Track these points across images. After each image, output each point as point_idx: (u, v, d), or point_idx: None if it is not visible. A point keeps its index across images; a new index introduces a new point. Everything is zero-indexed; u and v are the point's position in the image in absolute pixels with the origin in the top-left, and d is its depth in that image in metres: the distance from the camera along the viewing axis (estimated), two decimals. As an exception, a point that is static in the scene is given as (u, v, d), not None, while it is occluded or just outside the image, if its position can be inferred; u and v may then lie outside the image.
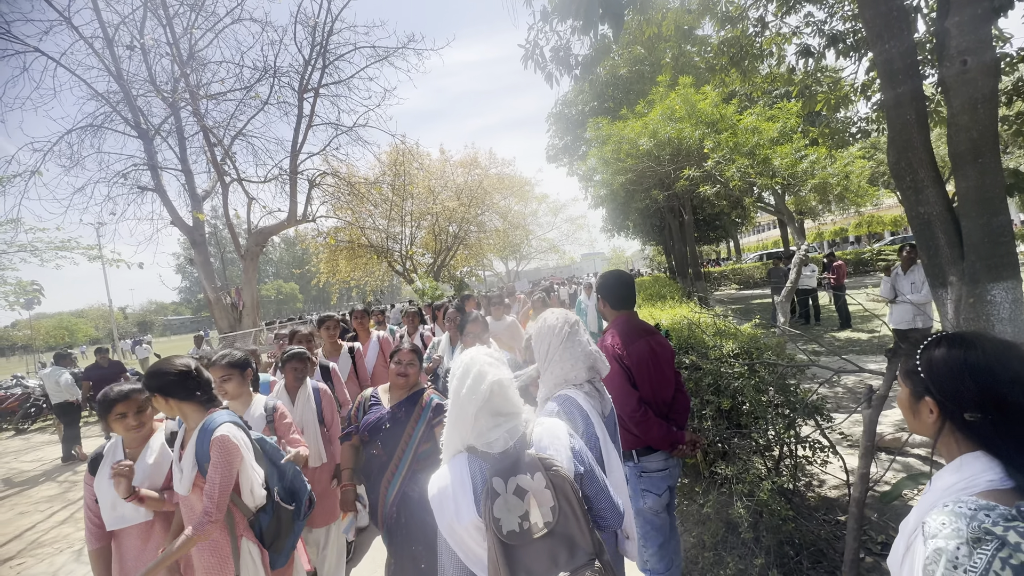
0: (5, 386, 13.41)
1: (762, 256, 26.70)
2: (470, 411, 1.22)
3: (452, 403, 1.28)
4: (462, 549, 1.20)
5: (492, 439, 1.22)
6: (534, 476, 1.16)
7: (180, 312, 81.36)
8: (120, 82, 9.04)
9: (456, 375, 1.30)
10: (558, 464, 1.21)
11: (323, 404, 2.90)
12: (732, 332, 3.20)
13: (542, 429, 1.32)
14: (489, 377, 1.24)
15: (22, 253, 11.61)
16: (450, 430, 1.28)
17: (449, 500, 1.20)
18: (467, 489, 1.20)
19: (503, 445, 1.21)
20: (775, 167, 6.10)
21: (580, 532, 1.15)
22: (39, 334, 50.65)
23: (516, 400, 1.28)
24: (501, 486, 1.15)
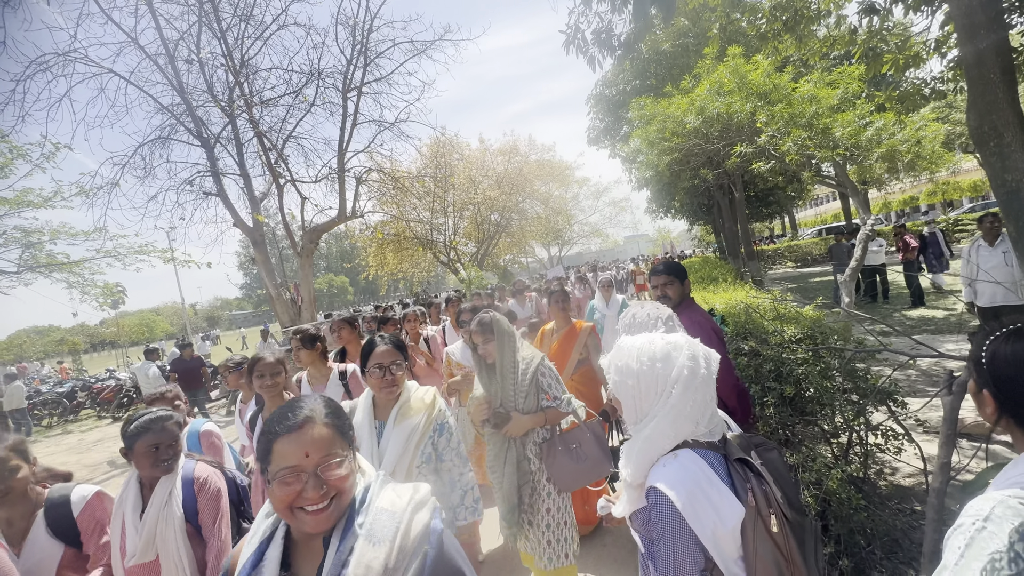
0: (101, 379, 14.94)
1: (821, 231, 25.11)
2: (707, 397, 1.11)
3: (685, 386, 1.10)
4: (721, 559, 1.03)
5: (716, 423, 1.14)
6: (751, 453, 1.11)
7: (243, 307, 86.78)
8: (182, 95, 9.67)
9: (679, 355, 1.13)
10: (764, 440, 1.18)
11: None
12: (793, 316, 3.08)
13: (722, 413, 1.27)
14: (714, 355, 1.16)
15: (108, 258, 12.77)
16: (681, 418, 1.10)
17: (706, 505, 1.02)
18: (720, 488, 1.05)
19: (722, 431, 1.14)
20: (836, 137, 5.71)
21: (793, 493, 1.11)
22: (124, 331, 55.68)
23: None
24: (761, 470, 1.08)
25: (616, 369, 1.20)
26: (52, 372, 24.33)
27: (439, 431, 1.90)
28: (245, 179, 10.51)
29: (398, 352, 1.88)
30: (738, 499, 1.04)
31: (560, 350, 3.40)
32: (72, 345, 41.16)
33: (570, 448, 2.20)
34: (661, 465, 1.09)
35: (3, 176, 11.40)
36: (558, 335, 3.49)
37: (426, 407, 1.88)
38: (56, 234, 12.28)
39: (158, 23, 9.38)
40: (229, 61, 9.84)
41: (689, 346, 1.16)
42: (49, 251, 12.53)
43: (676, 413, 1.10)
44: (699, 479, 1.04)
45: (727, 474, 1.08)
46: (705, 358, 1.15)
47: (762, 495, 1.03)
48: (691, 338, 1.20)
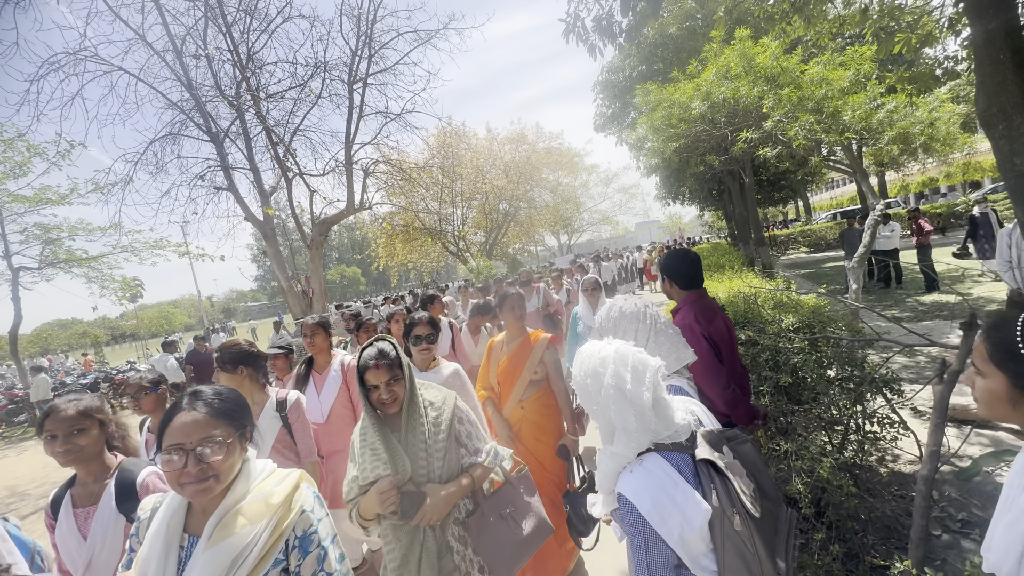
0: (122, 370, 15.38)
1: (835, 215, 24.64)
2: (646, 402, 1.09)
3: (615, 400, 1.11)
4: (689, 556, 1.04)
5: (678, 426, 1.13)
6: (723, 450, 1.10)
7: (257, 299, 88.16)
8: (191, 91, 9.78)
9: (604, 371, 1.14)
10: (736, 432, 1.17)
11: None
12: (792, 305, 3.07)
13: (696, 407, 1.26)
14: (652, 362, 1.13)
15: (124, 253, 13.08)
16: (628, 434, 1.11)
17: (670, 508, 1.04)
18: (685, 489, 1.05)
19: (688, 431, 1.14)
20: (845, 121, 5.60)
21: (770, 485, 1.13)
22: (143, 323, 57.04)
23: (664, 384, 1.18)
24: (724, 468, 1.07)
25: (575, 385, 1.23)
26: (76, 364, 25.07)
27: (300, 548, 1.17)
28: (255, 173, 10.63)
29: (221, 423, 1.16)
30: (705, 499, 1.05)
31: (509, 367, 2.68)
32: (94, 338, 42.25)
33: (503, 515, 1.67)
34: (628, 472, 1.11)
35: (22, 174, 11.71)
36: (508, 348, 2.74)
37: (271, 510, 1.16)
38: (74, 230, 12.61)
39: (165, 19, 9.47)
40: (235, 55, 9.90)
41: (616, 360, 1.14)
42: (68, 247, 12.88)
43: (623, 427, 1.11)
44: (664, 483, 1.06)
45: (694, 474, 1.08)
46: (634, 369, 1.12)
47: (725, 494, 1.04)
48: (625, 348, 1.17)
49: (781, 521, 1.12)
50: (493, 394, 2.78)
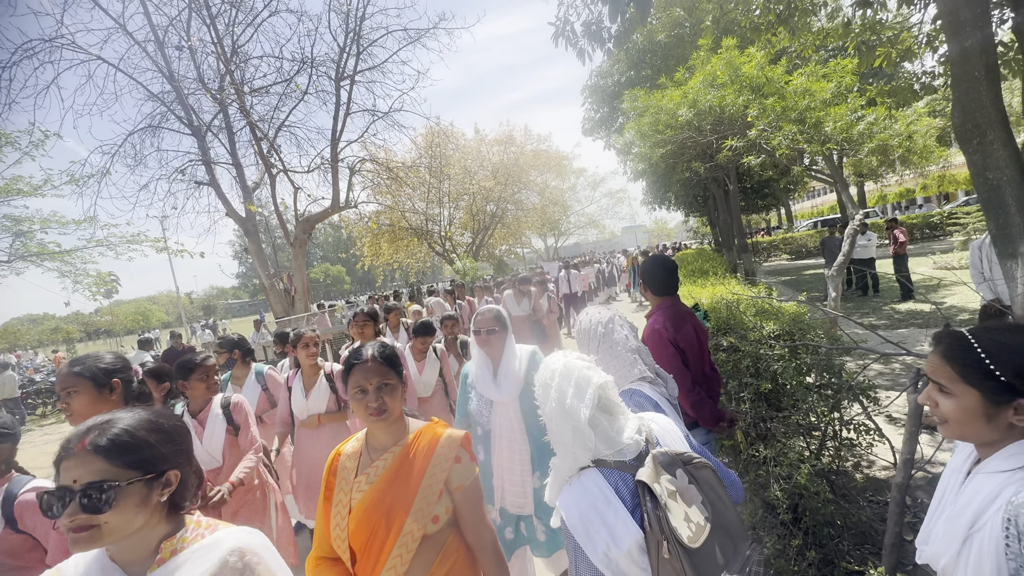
0: (95, 368, 14.87)
1: (816, 224, 25.20)
2: (583, 418, 1.09)
3: (557, 415, 1.13)
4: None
5: (623, 444, 1.12)
6: (676, 474, 1.06)
7: (239, 296, 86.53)
8: (172, 83, 9.56)
9: (551, 384, 1.16)
10: (696, 456, 1.12)
11: None
12: (774, 312, 3.11)
13: (658, 426, 1.22)
14: (595, 379, 1.13)
15: (100, 248, 12.71)
16: (565, 448, 1.13)
17: (599, 525, 1.04)
18: (616, 508, 1.05)
19: (636, 449, 1.12)
20: (827, 132, 5.71)
21: (733, 517, 1.09)
22: (119, 320, 55.58)
23: (620, 399, 1.19)
24: (660, 493, 1.03)
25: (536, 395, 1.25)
26: (46, 361, 24.28)
27: None
28: (237, 168, 10.44)
29: None
30: (639, 521, 1.04)
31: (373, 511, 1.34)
32: (67, 334, 41.04)
33: None
34: (568, 485, 1.12)
35: (-9, 164, 11.28)
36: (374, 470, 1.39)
37: None
38: (47, 223, 12.20)
39: (146, 8, 9.26)
40: (219, 48, 9.72)
41: (562, 374, 1.16)
42: (40, 240, 12.45)
43: (560, 440, 1.13)
44: (595, 500, 1.06)
45: (633, 494, 1.07)
46: (576, 385, 1.13)
47: (655, 519, 1.01)
48: (574, 363, 1.18)
49: (736, 555, 1.07)
50: None
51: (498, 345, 2.23)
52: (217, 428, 2.40)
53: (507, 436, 2.16)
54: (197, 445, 2.29)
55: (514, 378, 2.17)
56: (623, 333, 1.59)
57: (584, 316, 1.68)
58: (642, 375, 1.54)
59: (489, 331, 2.22)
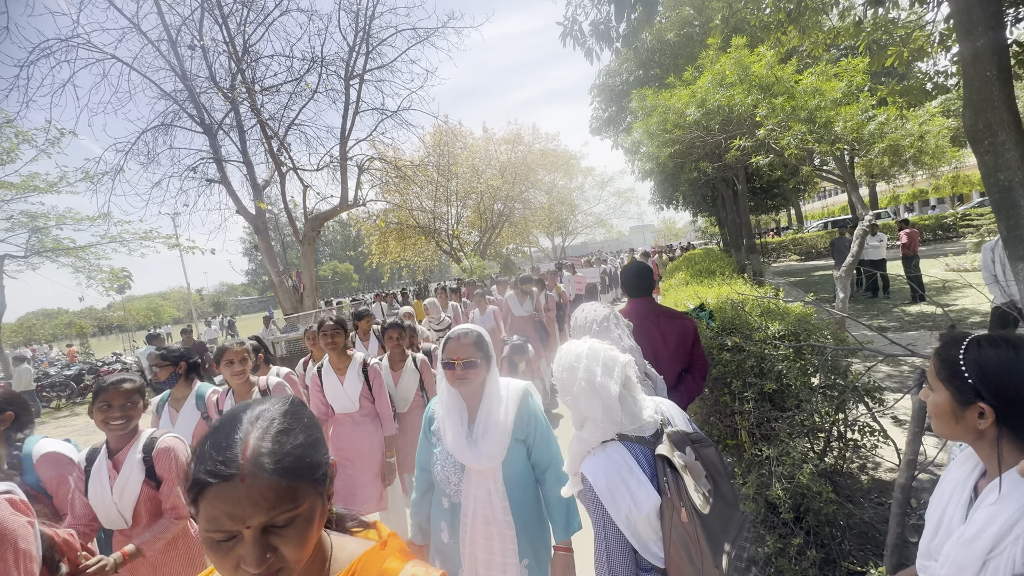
0: (108, 362, 15.18)
1: (827, 224, 24.93)
2: (613, 394, 1.19)
3: (586, 392, 1.22)
4: (636, 538, 1.17)
5: (644, 421, 1.23)
6: (686, 451, 1.19)
7: (248, 293, 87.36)
8: (185, 81, 9.69)
9: (579, 365, 1.25)
10: (702, 435, 1.25)
11: None
12: (779, 313, 3.11)
13: (668, 408, 1.35)
14: (621, 358, 1.24)
15: (113, 244, 12.91)
16: (594, 419, 1.22)
17: (623, 490, 1.16)
18: (639, 477, 1.17)
19: (655, 427, 1.24)
20: (837, 132, 5.67)
21: (728, 488, 1.22)
22: (131, 315, 56.38)
23: (638, 380, 1.30)
24: (679, 464, 1.15)
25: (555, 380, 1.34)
26: (60, 355, 24.70)
27: None
28: (248, 166, 10.56)
29: None
30: (656, 489, 1.16)
31: None
32: (80, 328, 41.66)
33: None
34: (591, 455, 1.24)
35: (9, 161, 11.51)
36: None
37: None
38: (62, 219, 12.42)
39: (160, 8, 9.38)
40: (231, 47, 9.83)
41: (589, 355, 1.25)
42: (55, 236, 12.67)
43: (591, 416, 1.23)
44: (620, 468, 1.18)
45: (651, 465, 1.19)
46: (604, 364, 1.22)
47: (675, 488, 1.13)
48: (598, 344, 1.28)
49: (732, 523, 1.20)
50: None
51: (477, 383, 1.60)
52: (133, 478, 1.85)
53: (483, 514, 1.57)
54: (104, 495, 1.82)
55: (498, 433, 1.57)
56: (617, 332, 1.65)
57: (580, 312, 1.74)
58: None
59: (467, 364, 1.56)
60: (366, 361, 3.00)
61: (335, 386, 2.93)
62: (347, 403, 2.95)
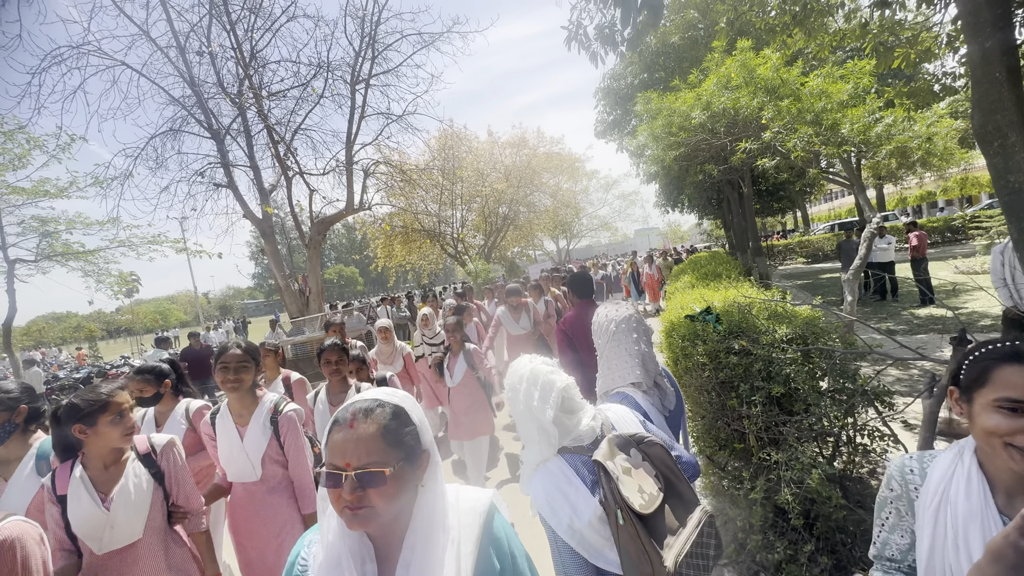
0: (116, 365, 15.30)
1: (833, 227, 24.79)
2: (548, 418, 1.22)
3: (524, 415, 1.27)
4: (584, 547, 1.19)
5: (582, 432, 1.25)
6: (630, 453, 1.21)
7: (254, 296, 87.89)
8: (193, 87, 9.78)
9: (520, 388, 1.29)
10: (646, 435, 1.26)
11: None
12: (787, 316, 3.08)
13: (613, 414, 1.37)
14: (558, 384, 1.25)
15: (122, 248, 13.01)
16: (532, 441, 1.27)
17: (562, 502, 1.18)
18: (577, 486, 1.20)
19: (592, 435, 1.26)
20: (844, 134, 5.64)
21: (684, 486, 1.22)
22: (138, 318, 56.86)
23: (580, 398, 1.32)
24: (613, 469, 1.16)
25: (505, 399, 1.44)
26: (69, 358, 24.93)
27: None
28: (255, 171, 10.64)
29: None
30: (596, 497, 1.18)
31: None
32: (89, 332, 42.11)
33: None
34: (535, 472, 1.27)
35: (21, 166, 11.63)
36: None
37: None
38: (72, 224, 12.53)
39: (169, 15, 9.49)
40: (239, 53, 9.92)
41: (529, 379, 1.28)
42: (65, 240, 12.77)
43: (527, 438, 1.28)
44: (558, 480, 1.21)
45: (592, 472, 1.21)
46: (542, 389, 1.25)
47: (609, 492, 1.14)
48: (539, 367, 1.30)
49: (690, 521, 1.19)
50: None
51: (390, 512, 0.86)
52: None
53: None
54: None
55: None
56: (633, 336, 1.62)
57: (602, 310, 1.74)
58: (638, 380, 1.59)
59: (366, 479, 0.83)
60: (277, 407, 2.20)
61: (231, 442, 2.15)
62: (245, 468, 2.14)
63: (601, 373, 1.67)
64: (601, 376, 1.67)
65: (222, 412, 2.22)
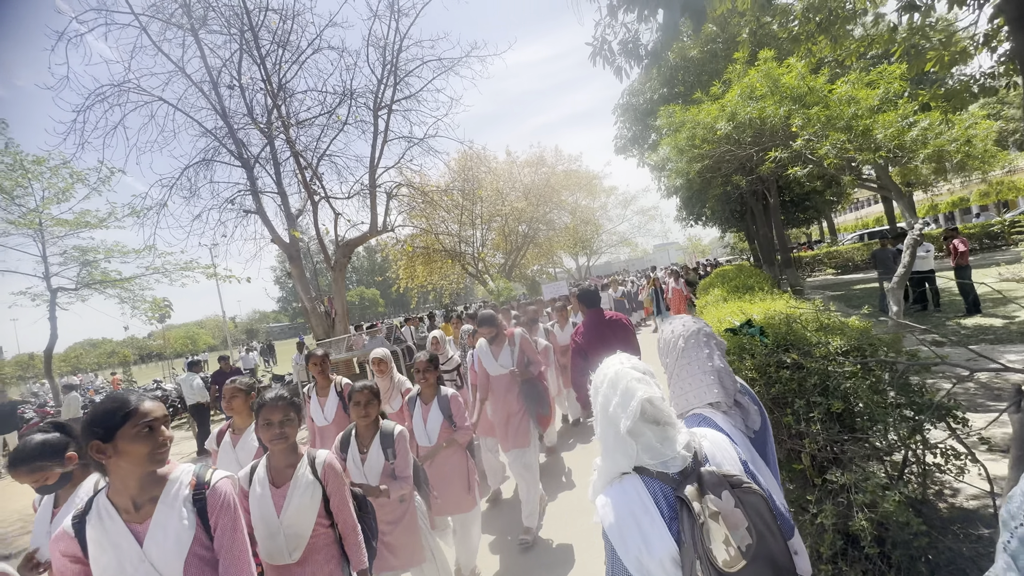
0: (148, 389, 15.64)
1: (862, 236, 24.10)
2: (623, 428, 1.11)
3: (602, 419, 1.18)
4: None
5: (668, 456, 1.11)
6: (722, 495, 1.04)
7: (279, 320, 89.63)
8: (224, 119, 10.16)
9: (600, 390, 1.20)
10: (746, 480, 1.09)
11: None
12: (838, 326, 2.93)
13: (709, 443, 1.19)
14: (639, 393, 1.12)
15: (156, 275, 13.46)
16: (608, 449, 1.17)
17: (634, 530, 1.06)
18: (654, 517, 1.06)
19: (682, 463, 1.11)
20: (878, 139, 5.48)
21: (779, 550, 1.04)
22: (169, 343, 58.41)
23: (670, 411, 1.17)
24: (700, 511, 1.02)
25: None
26: (105, 383, 25.66)
27: None
28: (282, 197, 10.91)
29: None
30: (675, 534, 1.05)
31: None
32: (123, 357, 43.37)
33: None
34: (609, 486, 1.16)
35: (64, 199, 12.24)
36: None
37: None
38: (110, 252, 13.06)
39: (203, 52, 9.93)
40: (268, 85, 10.30)
41: (611, 382, 1.18)
42: (104, 268, 13.30)
43: (603, 442, 1.18)
44: (633, 504, 1.08)
45: (671, 507, 1.07)
46: (622, 395, 1.14)
47: (692, 537, 1.01)
48: (623, 371, 1.19)
49: None
50: None
51: None
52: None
53: None
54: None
55: None
56: (705, 351, 1.47)
57: (668, 326, 1.60)
58: (716, 400, 1.42)
59: None
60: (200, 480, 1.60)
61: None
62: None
63: (673, 395, 1.50)
64: (673, 399, 1.50)
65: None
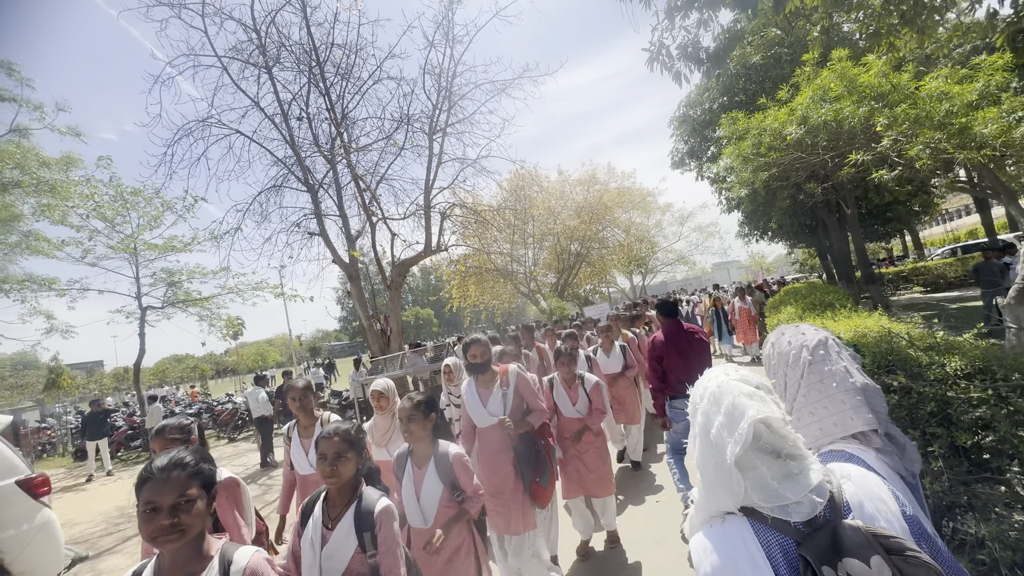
0: (221, 402, 16.66)
1: (954, 250, 21.69)
2: (728, 456, 0.87)
3: (701, 444, 0.94)
4: None
5: (789, 500, 0.85)
6: (871, 562, 0.77)
7: (340, 338, 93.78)
8: (293, 148, 10.85)
9: (699, 407, 0.96)
10: (910, 546, 0.79)
11: None
12: (955, 346, 2.51)
13: (855, 487, 0.89)
14: (750, 412, 0.87)
15: (231, 294, 14.46)
16: (707, 481, 0.93)
17: None
18: (762, 573, 0.82)
19: (811, 510, 0.84)
20: (981, 136, 4.86)
21: None
22: (242, 359, 62.62)
23: (795, 438, 0.89)
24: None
25: None
26: (185, 395, 27.77)
27: None
28: (343, 219, 11.41)
29: None
30: None
31: None
32: (202, 372, 46.93)
33: None
34: (709, 523, 0.93)
35: (155, 226, 13.54)
36: None
37: None
38: (192, 274, 14.21)
39: (276, 87, 10.72)
40: (332, 114, 10.92)
41: (712, 398, 0.95)
42: (186, 289, 14.47)
43: (702, 473, 0.95)
44: (737, 557, 0.84)
45: (791, 566, 0.82)
46: (727, 414, 0.89)
47: None
48: (728, 385, 0.94)
49: None
50: None
51: None
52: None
53: None
54: None
55: None
56: (841, 365, 1.12)
57: (782, 336, 1.27)
58: (867, 427, 1.06)
59: None
60: None
61: None
62: None
63: (802, 425, 1.15)
64: (801, 429, 1.14)
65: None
